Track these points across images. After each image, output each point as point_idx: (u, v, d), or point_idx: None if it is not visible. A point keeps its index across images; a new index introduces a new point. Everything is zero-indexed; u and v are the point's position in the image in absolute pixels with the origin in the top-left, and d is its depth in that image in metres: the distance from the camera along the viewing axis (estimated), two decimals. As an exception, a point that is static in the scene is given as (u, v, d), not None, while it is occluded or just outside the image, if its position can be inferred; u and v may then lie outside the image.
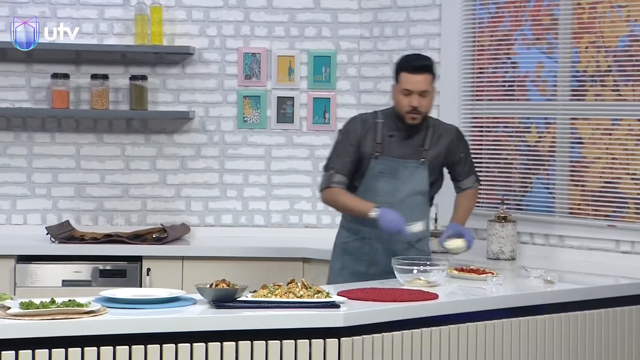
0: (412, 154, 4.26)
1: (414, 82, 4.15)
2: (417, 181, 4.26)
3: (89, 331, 3.10)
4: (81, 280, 4.98)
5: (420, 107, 4.17)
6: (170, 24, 5.45)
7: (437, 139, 4.29)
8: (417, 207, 4.27)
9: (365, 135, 4.26)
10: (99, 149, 5.49)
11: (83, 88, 5.45)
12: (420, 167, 4.26)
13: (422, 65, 4.18)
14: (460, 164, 4.38)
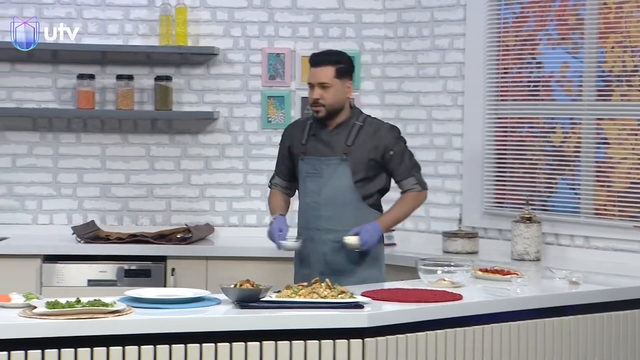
0: (334, 152, 4.20)
1: (313, 74, 4.18)
2: (339, 178, 4.18)
3: (114, 331, 3.12)
4: (106, 280, 5.00)
5: (322, 99, 4.16)
6: (194, 24, 5.47)
7: (366, 135, 4.20)
8: (348, 206, 4.18)
9: (294, 138, 4.31)
10: (124, 149, 5.52)
11: (108, 88, 5.48)
12: (342, 164, 4.18)
13: (321, 59, 4.21)
14: (393, 163, 4.21)
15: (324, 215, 4.19)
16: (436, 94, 5.38)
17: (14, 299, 3.30)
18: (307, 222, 4.25)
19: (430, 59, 5.38)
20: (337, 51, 4.32)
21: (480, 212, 5.19)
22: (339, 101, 4.19)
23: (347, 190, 4.18)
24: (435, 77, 5.38)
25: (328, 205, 4.18)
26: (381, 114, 5.55)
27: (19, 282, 4.78)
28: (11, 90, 5.45)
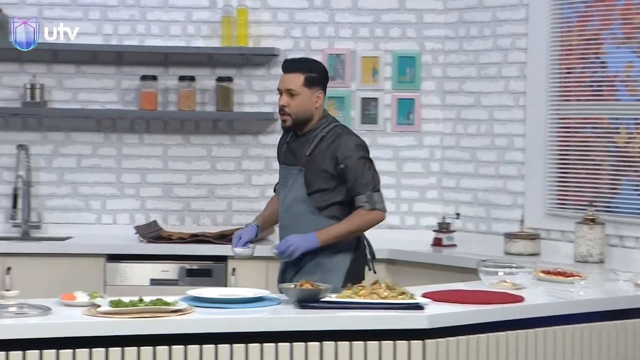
0: (296, 161, 4.08)
1: (282, 80, 4.05)
2: (296, 188, 4.06)
3: (176, 330, 3.15)
4: (168, 279, 5.05)
5: (288, 107, 4.01)
6: (256, 25, 5.50)
7: (324, 146, 4.02)
8: (303, 217, 4.03)
9: (280, 145, 4.22)
10: (185, 149, 5.57)
11: (171, 90, 5.54)
12: (299, 174, 4.05)
13: (291, 65, 4.06)
14: (345, 176, 3.99)
15: (286, 225, 4.09)
16: (498, 94, 5.34)
17: (78, 297, 3.35)
18: (279, 230, 4.17)
19: (492, 59, 5.34)
20: (311, 60, 4.16)
21: (542, 213, 5.14)
22: (305, 110, 4.01)
23: (302, 201, 4.04)
24: (497, 77, 5.33)
25: (287, 215, 4.08)
26: (442, 115, 5.53)
27: (84, 280, 4.85)
28: (76, 91, 5.53)
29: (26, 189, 5.44)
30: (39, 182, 5.52)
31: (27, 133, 5.49)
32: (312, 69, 4.05)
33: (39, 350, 3.03)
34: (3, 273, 4.97)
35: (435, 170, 5.57)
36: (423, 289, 3.69)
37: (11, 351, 3.01)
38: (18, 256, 4.98)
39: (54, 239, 5.27)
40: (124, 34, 5.51)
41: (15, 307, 3.18)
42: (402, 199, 5.58)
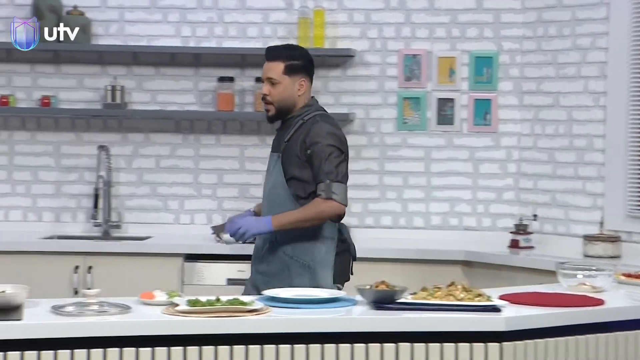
0: (277, 147, 4.06)
1: (264, 69, 4.02)
2: (275, 174, 4.01)
3: (253, 329, 3.16)
4: (245, 279, 5.05)
5: (269, 95, 3.99)
6: (332, 26, 5.51)
7: (301, 132, 3.97)
8: (280, 205, 3.96)
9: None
10: (262, 150, 5.60)
11: (247, 91, 5.58)
12: (278, 160, 4.01)
13: (272, 54, 4.03)
14: (311, 162, 3.92)
15: (264, 211, 4.04)
16: (577, 95, 5.26)
17: (157, 296, 3.39)
18: None
19: (571, 58, 5.26)
20: (293, 47, 4.12)
21: (623, 215, 5.05)
22: (287, 99, 3.98)
23: (279, 188, 3.98)
24: (576, 77, 5.26)
25: (268, 202, 4.03)
26: (519, 115, 5.47)
27: (162, 280, 4.91)
28: (155, 93, 5.61)
29: (107, 189, 5.53)
30: (119, 183, 5.61)
31: (107, 134, 5.59)
32: (293, 56, 4.00)
33: (119, 349, 3.08)
34: (84, 272, 5.07)
35: (512, 171, 5.51)
36: (500, 291, 3.65)
37: (92, 349, 3.06)
38: (99, 255, 5.07)
39: (134, 239, 5.35)
40: (202, 35, 5.57)
41: (96, 306, 3.23)
42: (479, 200, 5.54)
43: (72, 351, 3.04)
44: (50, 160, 5.59)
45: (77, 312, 3.18)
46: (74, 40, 5.41)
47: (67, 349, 3.04)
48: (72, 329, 3.08)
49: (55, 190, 5.61)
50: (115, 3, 5.57)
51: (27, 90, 5.59)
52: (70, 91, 5.59)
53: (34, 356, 3.02)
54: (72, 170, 5.60)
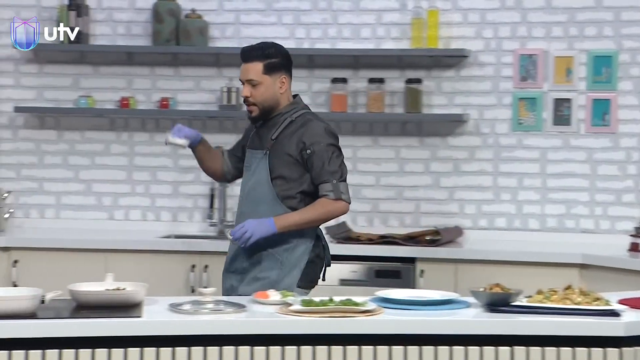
0: (261, 145, 3.95)
1: (243, 71, 3.94)
2: (259, 172, 3.91)
3: (366, 330, 3.17)
4: (357, 280, 5.09)
5: (251, 97, 3.90)
6: (446, 27, 5.47)
7: (292, 130, 3.91)
8: (263, 204, 3.88)
9: (249, 130, 4.07)
10: (374, 151, 5.60)
11: (360, 92, 5.59)
12: (264, 158, 3.92)
13: (248, 54, 3.93)
14: (311, 163, 3.86)
15: (243, 211, 3.94)
16: (700, 94, 5.10)
17: (271, 296, 3.43)
18: (235, 217, 4.03)
19: (694, 56, 5.11)
20: (269, 45, 3.99)
21: None
22: (270, 98, 3.91)
23: (263, 187, 3.90)
24: (700, 76, 5.09)
25: (247, 201, 3.94)
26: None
27: (275, 279, 4.95)
28: (269, 94, 5.66)
29: (222, 190, 5.62)
30: (235, 183, 5.67)
31: (223, 135, 5.67)
32: (271, 55, 3.92)
33: (235, 347, 3.12)
34: (201, 271, 5.15)
35: (632, 172, 5.37)
36: (619, 295, 3.56)
37: (208, 347, 3.12)
38: (214, 255, 5.14)
39: (247, 238, 5.41)
40: (316, 37, 5.61)
41: (212, 304, 3.29)
42: (597, 202, 5.42)
43: (189, 348, 3.10)
44: (168, 161, 5.71)
45: (194, 310, 3.24)
46: (194, 43, 5.52)
47: (184, 346, 3.10)
48: (188, 326, 3.14)
49: (172, 191, 5.72)
50: (231, 6, 5.65)
51: (147, 93, 5.72)
52: (188, 93, 5.70)
53: (152, 353, 3.08)
54: (189, 170, 5.70)
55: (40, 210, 5.73)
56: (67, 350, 3.05)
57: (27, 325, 3.07)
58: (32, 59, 5.71)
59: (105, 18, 5.71)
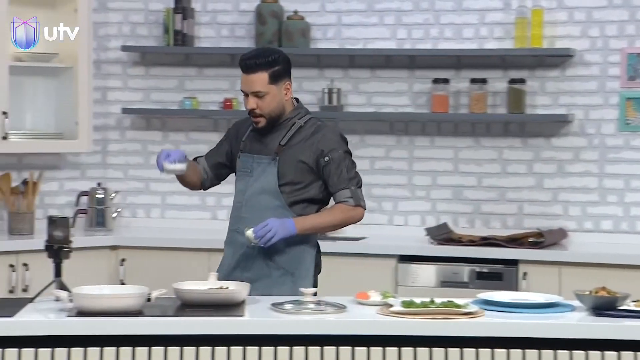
0: (267, 150, 3.82)
1: (245, 82, 3.77)
2: (265, 178, 3.80)
3: (467, 332, 3.14)
4: (458, 281, 5.06)
5: (258, 109, 3.76)
6: (550, 26, 5.39)
7: (303, 136, 3.80)
8: (269, 210, 3.76)
9: (238, 133, 3.92)
10: (476, 152, 5.55)
11: (462, 92, 5.54)
12: (271, 164, 3.80)
13: (251, 64, 3.75)
14: (328, 171, 3.78)
15: (244, 217, 3.81)
16: None
17: (372, 296, 3.43)
18: (231, 223, 3.88)
19: None
20: (270, 50, 3.88)
21: None
22: (277, 107, 3.79)
23: (269, 192, 3.79)
24: None
25: (249, 207, 3.81)
26: None
27: (376, 280, 4.96)
28: (371, 95, 5.67)
29: (322, 190, 5.64)
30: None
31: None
32: (274, 62, 3.78)
33: (335, 347, 3.13)
34: (301, 270, 5.18)
35: None
36: None
37: (310, 346, 3.14)
38: (314, 254, 5.17)
39: (349, 239, 5.43)
40: (418, 37, 5.59)
41: (313, 304, 3.31)
42: None
43: (291, 348, 3.13)
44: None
45: (295, 310, 3.27)
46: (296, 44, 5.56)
47: (286, 346, 3.13)
48: (290, 326, 3.16)
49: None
50: (333, 7, 5.67)
51: (249, 94, 5.78)
52: (289, 94, 5.74)
53: (255, 352, 3.12)
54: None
55: (146, 210, 5.86)
56: (172, 347, 3.11)
57: (134, 323, 3.14)
58: (139, 61, 5.84)
59: (209, 21, 5.80)
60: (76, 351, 3.09)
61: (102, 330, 3.12)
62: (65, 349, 3.09)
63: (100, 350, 3.10)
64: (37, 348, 3.09)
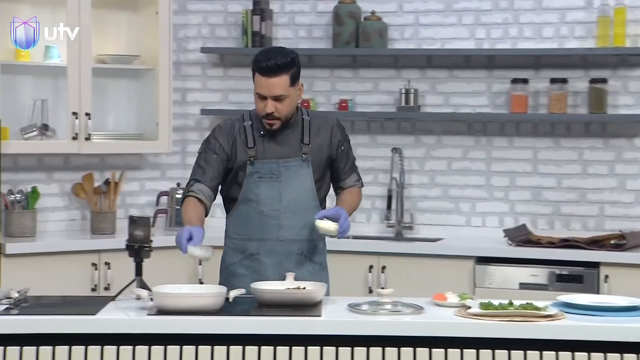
0: (292, 152, 3.71)
1: (266, 86, 3.59)
2: (302, 181, 3.70)
3: (547, 335, 3.10)
4: (538, 283, 5.00)
5: (277, 112, 3.62)
6: (634, 24, 5.29)
7: (317, 131, 3.75)
8: (308, 212, 3.68)
9: (234, 142, 3.70)
10: (556, 153, 5.48)
11: (541, 92, 5.48)
12: (304, 165, 3.70)
13: (274, 67, 3.57)
14: (342, 160, 3.80)
15: (285, 224, 3.70)
16: None
17: (449, 298, 3.41)
18: (263, 232, 3.70)
19: None
20: (286, 50, 3.69)
21: None
22: (293, 108, 3.69)
23: (308, 194, 3.72)
24: None
25: (289, 213, 3.69)
26: None
27: (453, 281, 4.93)
28: (448, 95, 5.64)
29: (399, 191, 5.63)
30: (412, 184, 5.69)
31: (401, 136, 5.69)
32: (292, 64, 3.63)
33: (412, 348, 3.12)
34: (378, 271, 5.18)
35: None
36: None
37: (387, 347, 3.13)
38: (392, 256, 5.17)
39: (425, 240, 5.42)
40: (496, 37, 5.54)
41: (390, 305, 3.30)
42: None
43: (368, 348, 3.13)
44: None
45: (372, 311, 3.27)
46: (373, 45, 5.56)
47: (363, 347, 3.13)
48: (367, 326, 3.16)
49: (351, 191, 5.77)
50: (411, 7, 5.65)
51: (326, 95, 5.80)
52: (366, 95, 5.75)
53: (332, 352, 3.13)
54: (367, 172, 5.74)
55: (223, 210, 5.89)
56: (250, 347, 3.14)
57: (213, 322, 3.18)
58: (218, 63, 5.90)
59: (287, 22, 5.84)
60: (156, 349, 3.14)
61: (181, 329, 3.16)
62: (145, 347, 3.14)
63: (179, 349, 3.14)
64: (119, 346, 3.14)
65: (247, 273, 3.71)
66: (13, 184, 5.34)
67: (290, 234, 3.71)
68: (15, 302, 3.36)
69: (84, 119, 5.28)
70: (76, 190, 5.51)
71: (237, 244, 3.78)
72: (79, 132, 5.27)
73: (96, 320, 3.19)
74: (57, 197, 5.52)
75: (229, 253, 3.81)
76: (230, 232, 3.81)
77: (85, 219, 5.57)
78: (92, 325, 3.17)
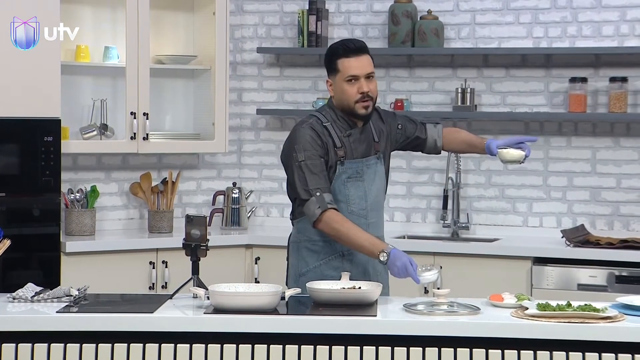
0: (370, 150, 3.72)
1: (358, 66, 3.60)
2: (379, 179, 3.74)
3: (606, 337, 3.07)
4: (596, 285, 4.94)
5: (370, 91, 3.62)
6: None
7: (378, 127, 3.78)
8: (381, 207, 3.78)
9: (326, 145, 3.64)
10: (615, 152, 5.41)
11: (601, 91, 5.41)
12: (379, 163, 3.74)
13: (361, 46, 3.64)
14: (409, 127, 3.86)
15: (371, 222, 3.70)
16: None
17: (506, 298, 3.39)
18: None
19: None
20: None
21: None
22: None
23: (383, 191, 3.79)
24: None
25: (373, 211, 3.73)
26: None
27: (510, 282, 4.89)
28: (505, 95, 5.60)
29: (456, 191, 5.60)
30: (468, 184, 5.66)
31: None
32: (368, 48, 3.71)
33: (469, 349, 3.11)
34: (433, 271, 5.16)
35: None
36: None
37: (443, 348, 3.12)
38: (448, 256, 5.14)
39: (482, 240, 5.38)
40: (554, 36, 5.48)
41: (446, 305, 3.29)
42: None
43: (424, 349, 3.12)
44: (402, 162, 5.75)
45: (428, 311, 3.26)
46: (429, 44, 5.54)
47: (419, 347, 3.12)
48: (423, 327, 3.16)
49: (406, 191, 5.77)
50: (467, 6, 5.62)
51: (382, 94, 5.78)
52: (422, 94, 5.73)
53: (387, 352, 3.13)
54: (422, 171, 5.73)
55: (280, 210, 5.93)
56: (305, 346, 3.15)
57: (269, 321, 3.20)
58: (274, 63, 5.92)
59: (343, 21, 5.84)
60: (213, 347, 3.16)
61: (238, 328, 3.18)
62: (202, 345, 3.17)
63: (236, 347, 3.16)
64: (176, 344, 3.17)
65: (336, 275, 3.61)
66: (73, 183, 5.42)
67: (376, 231, 3.72)
68: (75, 299, 3.41)
69: (142, 118, 5.34)
70: (134, 189, 5.58)
71: (321, 246, 3.69)
72: (137, 132, 5.32)
73: (154, 318, 3.22)
74: (115, 196, 5.59)
75: (307, 257, 3.71)
76: (312, 235, 3.70)
77: (143, 218, 5.63)
78: (150, 324, 3.20)
